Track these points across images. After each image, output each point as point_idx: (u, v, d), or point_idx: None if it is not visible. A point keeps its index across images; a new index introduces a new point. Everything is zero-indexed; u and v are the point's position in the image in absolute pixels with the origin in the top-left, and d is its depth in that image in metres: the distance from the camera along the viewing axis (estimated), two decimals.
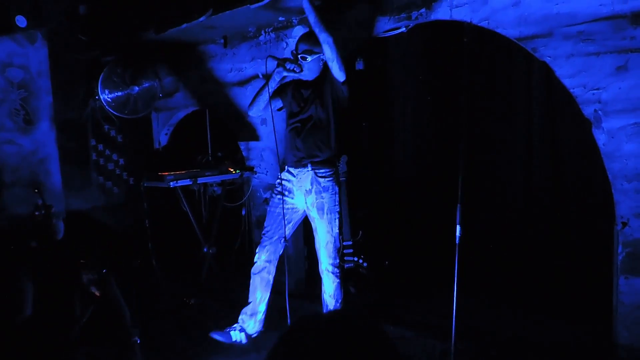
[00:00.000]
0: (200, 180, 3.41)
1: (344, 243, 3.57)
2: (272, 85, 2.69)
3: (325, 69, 2.66)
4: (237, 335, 2.77)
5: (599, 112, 2.31)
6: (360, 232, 3.59)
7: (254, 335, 2.80)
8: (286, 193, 2.73)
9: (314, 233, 2.77)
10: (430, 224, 3.86)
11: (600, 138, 2.32)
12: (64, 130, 3.60)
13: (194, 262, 3.59)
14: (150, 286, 3.63)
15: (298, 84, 2.76)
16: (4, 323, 1.67)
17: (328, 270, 2.75)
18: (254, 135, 3.68)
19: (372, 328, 0.80)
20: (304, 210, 2.75)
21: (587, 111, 2.34)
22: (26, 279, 1.76)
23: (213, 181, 3.60)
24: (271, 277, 2.80)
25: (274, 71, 2.63)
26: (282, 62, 2.60)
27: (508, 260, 3.50)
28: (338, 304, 2.80)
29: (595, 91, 2.31)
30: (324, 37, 2.46)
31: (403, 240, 4.01)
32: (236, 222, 3.90)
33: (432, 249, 3.68)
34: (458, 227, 2.47)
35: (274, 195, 2.78)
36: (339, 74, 2.54)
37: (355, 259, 3.55)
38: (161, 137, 4.37)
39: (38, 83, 3.43)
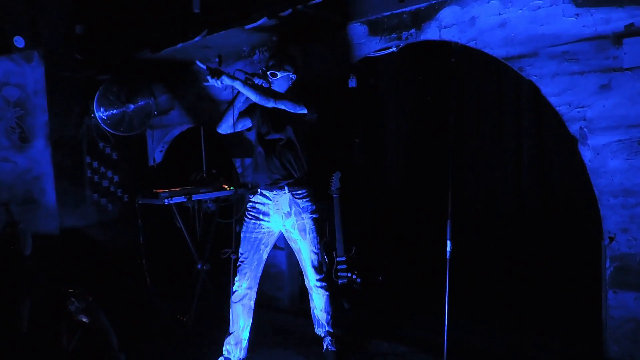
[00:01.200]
0: (195, 197, 3.42)
1: (337, 259, 3.58)
2: (239, 101, 2.70)
3: (294, 87, 2.70)
4: None
5: (585, 129, 2.37)
6: (354, 247, 3.61)
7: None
8: (261, 217, 2.68)
9: (297, 253, 2.78)
10: (423, 239, 3.89)
11: (586, 155, 2.37)
12: (59, 148, 3.61)
13: (188, 278, 3.58)
14: (144, 303, 3.61)
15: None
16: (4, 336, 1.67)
17: (316, 286, 2.76)
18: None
19: None
20: (279, 232, 2.74)
21: (573, 128, 2.40)
22: (26, 293, 1.75)
23: (207, 198, 3.60)
24: (252, 303, 2.75)
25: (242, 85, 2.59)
26: (250, 77, 2.58)
27: (498, 275, 3.52)
28: (329, 317, 2.82)
29: (580, 109, 2.37)
30: (274, 104, 2.53)
31: (396, 256, 4.03)
32: (230, 239, 3.90)
33: (425, 265, 3.70)
34: (449, 243, 2.51)
35: (247, 220, 2.71)
36: (299, 113, 2.60)
37: (349, 274, 3.57)
38: (156, 155, 4.40)
39: (34, 101, 3.46)
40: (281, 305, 3.57)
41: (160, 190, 3.28)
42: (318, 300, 2.80)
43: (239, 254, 2.73)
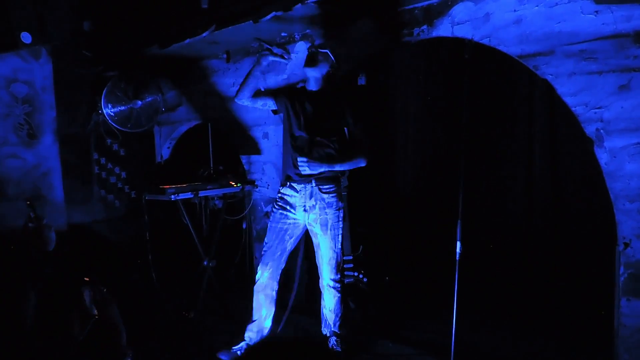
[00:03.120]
0: (202, 193, 3.41)
1: (344, 258, 3.55)
2: (258, 70, 2.67)
3: (331, 81, 2.68)
4: (241, 346, 2.80)
5: (601, 131, 2.29)
6: (361, 247, 3.57)
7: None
8: (288, 207, 2.70)
9: (316, 248, 2.77)
10: (431, 239, 3.84)
11: (602, 157, 2.30)
12: (67, 145, 3.62)
13: (194, 275, 3.58)
14: (150, 299, 3.63)
15: (302, 94, 2.73)
16: (6, 333, 1.67)
17: (329, 286, 2.75)
18: (255, 149, 3.69)
19: None
20: (304, 225, 2.74)
21: (589, 130, 2.32)
22: (30, 288, 1.76)
23: (214, 194, 3.59)
24: (275, 293, 2.81)
25: (260, 54, 2.63)
26: (269, 46, 2.60)
27: (507, 279, 3.47)
28: (337, 319, 2.80)
29: (597, 110, 2.29)
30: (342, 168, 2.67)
31: (404, 256, 3.99)
32: (237, 236, 3.90)
33: (433, 265, 3.66)
34: (458, 244, 2.47)
35: (275, 210, 2.75)
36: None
37: (356, 274, 3.53)
38: (163, 151, 4.39)
39: (42, 98, 3.46)
40: (287, 303, 3.55)
41: (167, 187, 3.27)
42: (329, 300, 2.79)
43: (264, 243, 2.77)
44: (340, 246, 2.73)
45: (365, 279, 3.51)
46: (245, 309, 3.55)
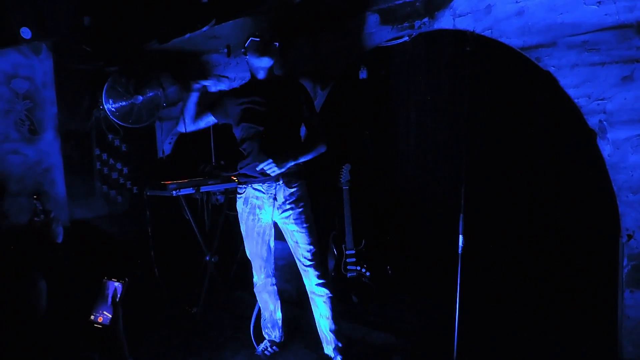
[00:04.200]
0: (203, 189, 3.40)
1: (346, 252, 3.55)
2: (190, 102, 2.77)
3: (277, 61, 2.58)
4: (266, 345, 2.81)
5: (604, 122, 2.28)
6: (364, 240, 3.57)
7: (280, 341, 2.84)
8: (256, 211, 2.59)
9: (293, 247, 2.58)
10: (433, 232, 3.84)
11: (605, 149, 2.29)
12: (68, 140, 3.62)
13: (196, 270, 3.59)
14: (152, 294, 3.64)
15: (250, 87, 2.61)
16: (20, 320, 1.66)
17: (318, 285, 2.52)
18: None
19: None
20: (275, 223, 2.63)
21: (592, 122, 2.31)
22: (39, 277, 1.75)
23: (216, 190, 3.59)
24: (275, 287, 2.81)
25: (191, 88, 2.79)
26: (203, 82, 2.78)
27: (509, 271, 3.46)
28: (335, 326, 2.54)
29: (600, 101, 2.28)
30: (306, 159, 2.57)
31: (406, 249, 3.99)
32: (239, 231, 3.90)
33: (435, 258, 3.66)
34: (461, 237, 2.46)
35: (245, 215, 2.63)
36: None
37: (358, 267, 3.53)
38: (165, 146, 4.39)
39: (43, 94, 3.45)
40: (288, 298, 3.56)
41: (169, 182, 3.26)
42: (321, 305, 2.53)
43: (246, 249, 2.73)
44: (316, 237, 2.55)
45: (368, 273, 3.52)
46: (247, 303, 3.57)
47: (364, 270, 3.52)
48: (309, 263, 2.54)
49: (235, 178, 3.59)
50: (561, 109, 3.23)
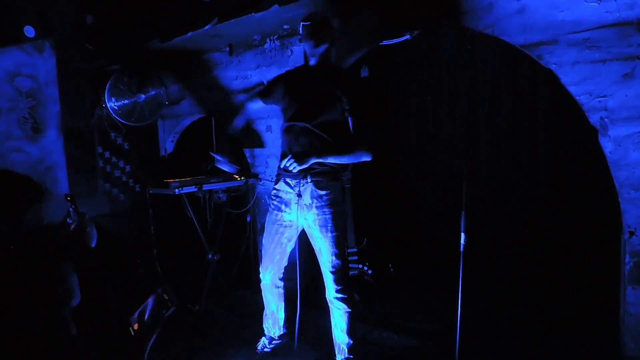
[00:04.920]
0: (206, 187, 3.42)
1: (348, 250, 3.56)
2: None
3: (328, 55, 2.35)
4: (264, 343, 2.77)
5: (605, 119, 2.28)
6: (365, 239, 3.58)
7: (280, 337, 2.79)
8: (283, 207, 2.42)
9: (318, 255, 2.42)
10: (435, 231, 3.84)
11: (607, 146, 2.29)
12: (71, 138, 3.63)
13: (199, 268, 3.60)
14: (155, 292, 3.64)
15: (299, 73, 2.46)
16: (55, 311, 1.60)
17: (336, 299, 2.34)
18: (259, 143, 3.69)
19: None
20: (302, 227, 2.44)
21: (593, 119, 2.31)
22: (69, 270, 1.67)
23: (218, 188, 3.60)
24: (282, 290, 2.69)
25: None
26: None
27: (511, 269, 3.46)
28: (351, 341, 2.37)
29: (601, 99, 2.28)
30: (338, 161, 2.32)
31: (408, 248, 3.99)
32: (241, 229, 3.91)
33: (437, 256, 3.66)
34: (462, 235, 2.45)
35: (270, 209, 2.49)
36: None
37: (360, 266, 3.54)
38: (167, 145, 4.40)
39: (46, 92, 3.47)
40: (290, 297, 3.56)
41: (171, 180, 3.28)
42: (338, 319, 2.37)
43: (261, 243, 2.60)
44: (344, 251, 2.36)
45: (369, 271, 3.52)
46: (249, 301, 3.57)
47: (365, 268, 3.53)
48: (330, 276, 2.35)
49: (237, 176, 3.61)
50: (562, 107, 3.24)
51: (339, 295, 2.34)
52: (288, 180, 2.39)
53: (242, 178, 3.60)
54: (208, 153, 2.92)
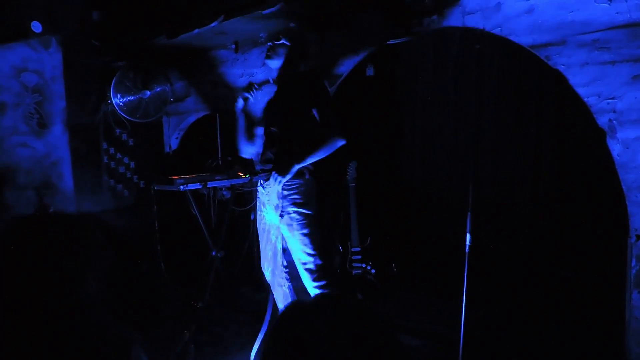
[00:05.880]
0: (210, 184, 3.40)
1: (352, 249, 3.55)
2: (240, 120, 2.74)
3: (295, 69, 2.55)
4: None
5: (614, 121, 2.26)
6: (369, 238, 3.57)
7: None
8: (262, 207, 2.60)
9: (291, 253, 2.50)
10: (440, 231, 3.82)
11: (615, 148, 2.27)
12: (76, 134, 3.63)
13: (202, 265, 3.60)
14: (158, 289, 3.65)
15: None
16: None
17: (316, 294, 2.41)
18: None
19: (362, 309, 0.78)
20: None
21: (602, 121, 2.29)
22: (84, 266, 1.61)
23: (222, 185, 3.59)
24: (286, 289, 2.69)
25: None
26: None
27: (515, 271, 3.44)
28: None
29: (610, 100, 2.26)
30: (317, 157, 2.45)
31: (412, 247, 3.98)
32: (245, 227, 3.90)
33: (441, 257, 3.64)
34: (468, 236, 2.44)
35: (257, 209, 2.69)
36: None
37: (363, 265, 3.53)
38: (172, 141, 4.41)
39: (52, 88, 3.48)
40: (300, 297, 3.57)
41: (176, 177, 3.27)
42: None
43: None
44: (316, 247, 2.37)
45: (373, 271, 3.52)
46: (252, 299, 3.58)
47: (369, 267, 3.52)
48: (304, 273, 2.40)
49: (242, 174, 3.60)
50: (570, 108, 3.21)
51: (318, 292, 2.41)
52: (262, 182, 2.58)
53: (247, 175, 3.60)
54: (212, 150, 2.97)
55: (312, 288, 2.43)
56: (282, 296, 2.71)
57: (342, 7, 2.97)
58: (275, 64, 2.54)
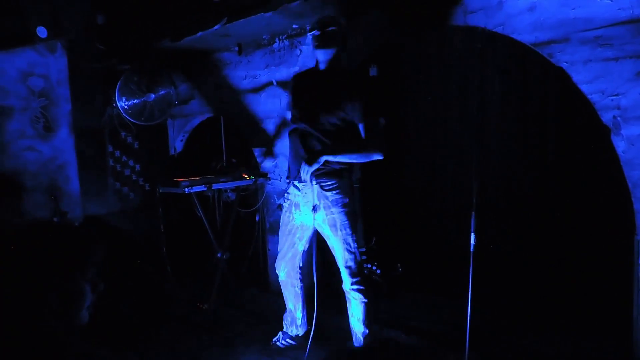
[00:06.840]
0: (215, 186, 3.43)
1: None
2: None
3: (336, 59, 2.43)
4: (279, 337, 2.80)
5: (618, 118, 2.25)
6: (374, 238, 3.57)
7: (295, 338, 2.80)
8: (293, 209, 2.54)
9: (332, 251, 2.53)
10: (444, 230, 3.82)
11: (620, 145, 2.26)
12: (82, 137, 3.67)
13: (208, 267, 3.61)
14: (164, 290, 3.67)
15: (308, 77, 2.52)
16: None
17: (353, 289, 2.48)
18: (267, 142, 3.70)
19: None
20: (314, 226, 2.52)
21: (606, 117, 2.28)
22: (83, 281, 1.57)
23: (227, 187, 3.62)
24: (298, 289, 2.74)
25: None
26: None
27: (520, 270, 3.43)
28: (367, 331, 2.51)
29: (614, 97, 2.25)
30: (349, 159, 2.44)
31: (417, 247, 3.97)
32: (250, 228, 3.92)
33: (446, 256, 3.64)
34: (472, 235, 2.44)
35: (283, 210, 2.64)
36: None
37: (369, 265, 3.53)
38: (177, 144, 4.43)
39: (58, 91, 3.52)
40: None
41: (181, 179, 3.30)
42: (355, 308, 2.49)
43: (278, 240, 2.70)
44: (356, 245, 2.48)
45: (378, 271, 3.51)
46: (258, 300, 3.59)
47: (374, 267, 3.52)
48: (345, 270, 2.48)
49: (246, 175, 3.62)
50: (574, 105, 3.19)
51: (355, 287, 2.47)
52: (296, 183, 2.51)
53: (251, 177, 3.61)
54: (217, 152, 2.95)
55: (349, 284, 2.47)
56: (293, 296, 2.76)
57: (344, 6, 2.98)
58: (327, 54, 2.40)
